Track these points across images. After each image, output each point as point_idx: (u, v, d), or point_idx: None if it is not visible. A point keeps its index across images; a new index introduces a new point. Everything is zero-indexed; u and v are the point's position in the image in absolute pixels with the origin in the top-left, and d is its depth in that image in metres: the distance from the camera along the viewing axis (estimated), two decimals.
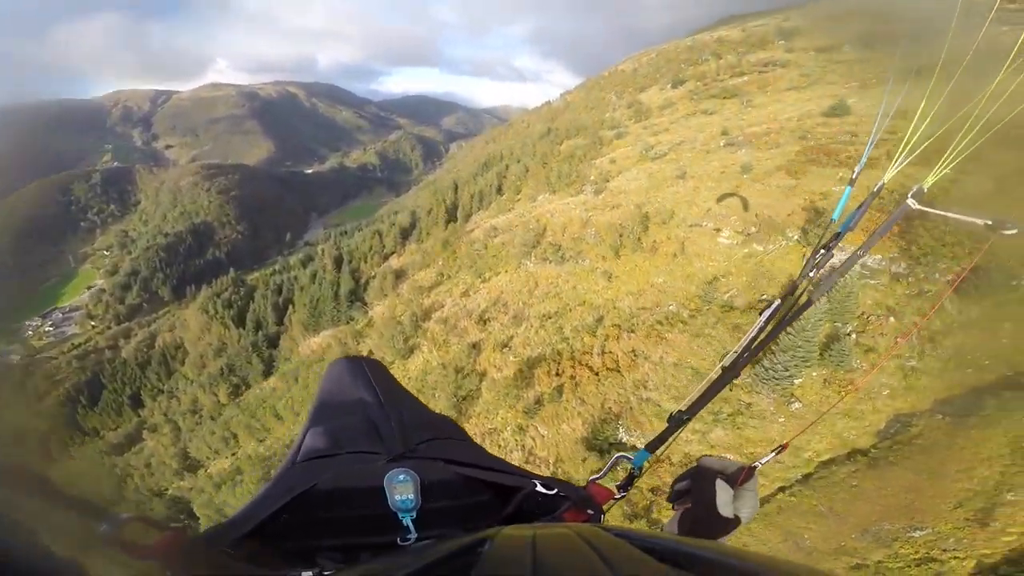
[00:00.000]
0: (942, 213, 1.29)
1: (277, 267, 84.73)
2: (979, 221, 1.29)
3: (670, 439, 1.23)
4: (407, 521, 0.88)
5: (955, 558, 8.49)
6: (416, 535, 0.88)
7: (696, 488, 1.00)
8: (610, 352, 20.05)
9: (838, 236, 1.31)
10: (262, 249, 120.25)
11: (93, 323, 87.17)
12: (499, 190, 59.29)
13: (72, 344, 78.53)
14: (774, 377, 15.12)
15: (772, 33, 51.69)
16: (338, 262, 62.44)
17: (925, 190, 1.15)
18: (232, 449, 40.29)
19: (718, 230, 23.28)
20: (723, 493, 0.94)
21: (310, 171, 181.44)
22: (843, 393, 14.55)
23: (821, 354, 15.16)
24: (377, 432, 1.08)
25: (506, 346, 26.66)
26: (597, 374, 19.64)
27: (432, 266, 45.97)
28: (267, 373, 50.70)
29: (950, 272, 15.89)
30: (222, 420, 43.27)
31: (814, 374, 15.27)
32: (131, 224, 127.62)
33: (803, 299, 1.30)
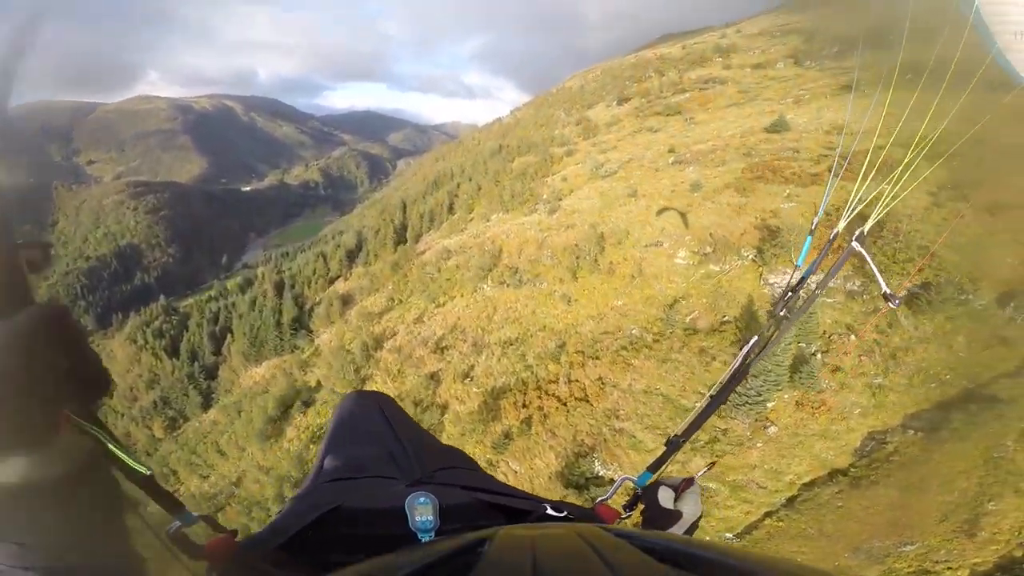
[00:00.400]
0: (871, 265, 1.50)
1: (213, 292, 79.54)
2: (883, 287, 1.59)
3: (668, 460, 1.35)
4: (426, 541, 0.90)
5: (948, 569, 8.75)
6: None
7: (648, 494, 1.16)
8: (577, 380, 19.29)
9: (802, 280, 1.57)
10: (196, 273, 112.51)
11: None
12: (450, 209, 58.12)
13: None
14: (748, 402, 14.88)
15: (710, 50, 53.89)
16: (279, 287, 58.80)
17: (866, 233, 1.35)
18: (172, 486, 36.56)
19: (674, 251, 23.21)
20: (665, 494, 1.13)
21: (248, 189, 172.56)
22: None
23: (791, 376, 15.05)
24: (394, 460, 1.16)
25: (467, 376, 25.41)
26: (565, 404, 18.78)
27: (382, 291, 44.00)
28: (206, 406, 46.57)
29: (901, 289, 16.26)
30: (159, 456, 39.26)
31: (786, 396, 15.13)
32: None
33: (774, 333, 1.49)
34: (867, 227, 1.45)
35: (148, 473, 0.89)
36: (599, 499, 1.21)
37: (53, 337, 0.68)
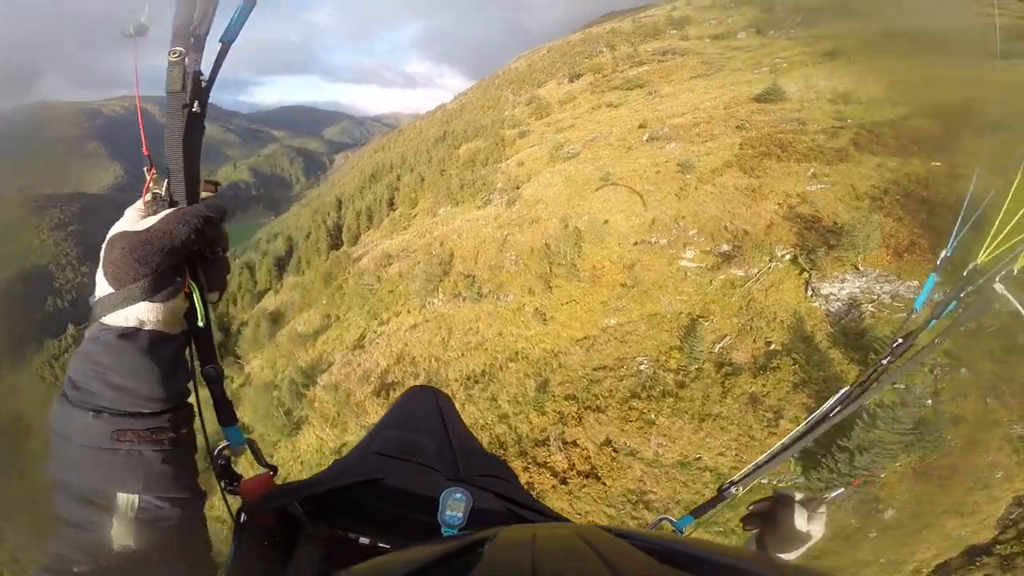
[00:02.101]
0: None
1: None
2: None
3: (716, 508, 1.20)
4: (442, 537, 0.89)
5: None
6: None
7: (774, 510, 1.06)
8: (576, 444, 13.59)
9: (921, 328, 1.15)
10: None
11: None
12: (391, 204, 50.81)
13: None
14: (851, 482, 9.86)
15: (663, 22, 49.18)
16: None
17: (1016, 272, 0.98)
18: None
19: (677, 249, 17.86)
20: (801, 513, 1.02)
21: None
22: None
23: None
24: (440, 454, 1.14)
25: None
26: (565, 482, 12.99)
27: (315, 306, 36.64)
28: None
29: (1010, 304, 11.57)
30: None
31: (897, 465, 10.10)
32: None
33: (871, 384, 1.20)
34: (1019, 265, 1.04)
35: (220, 372, 0.83)
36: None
37: (212, 229, 0.71)
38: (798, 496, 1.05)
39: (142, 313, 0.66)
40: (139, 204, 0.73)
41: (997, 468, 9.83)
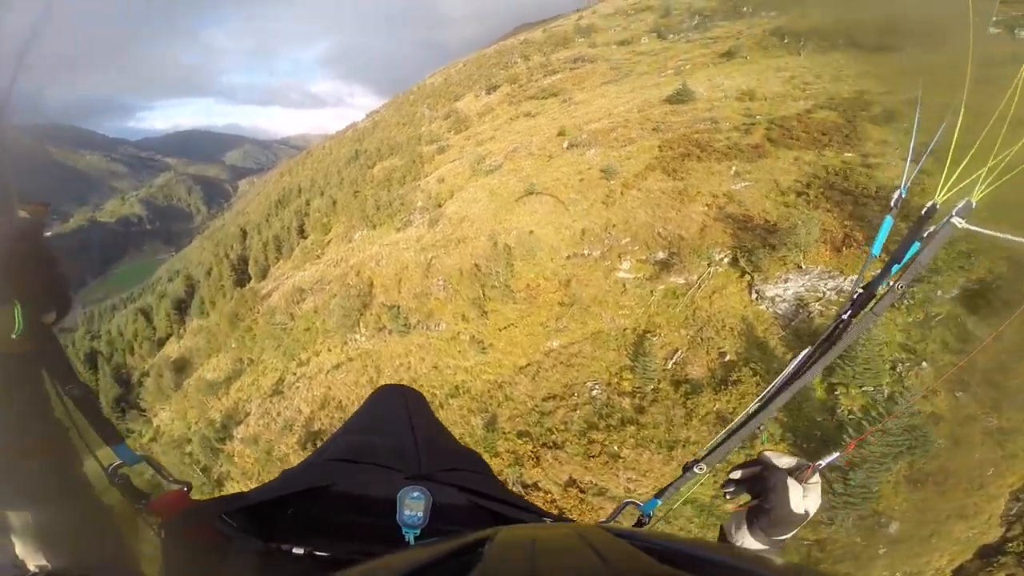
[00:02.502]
0: (995, 234, 1.04)
1: None
2: None
3: (682, 488, 1.14)
4: (410, 538, 0.86)
5: None
6: None
7: (763, 483, 0.99)
8: (537, 486, 11.84)
9: (884, 272, 1.05)
10: None
11: None
12: (301, 232, 46.82)
13: None
14: (850, 503, 9.04)
15: (572, 31, 49.79)
16: (92, 359, 42.84)
17: (974, 205, 0.92)
18: None
19: (612, 261, 16.91)
20: (795, 491, 0.95)
21: (48, 234, 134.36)
22: None
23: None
24: (402, 453, 1.10)
25: None
26: None
27: (224, 350, 32.45)
28: None
29: (953, 286, 11.51)
30: None
31: (888, 476, 9.42)
32: None
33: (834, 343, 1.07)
34: (977, 196, 0.96)
35: (84, 389, 0.80)
36: (600, 522, 0.97)
37: (27, 247, 0.68)
38: (785, 463, 0.97)
39: None
40: None
41: (986, 465, 9.43)
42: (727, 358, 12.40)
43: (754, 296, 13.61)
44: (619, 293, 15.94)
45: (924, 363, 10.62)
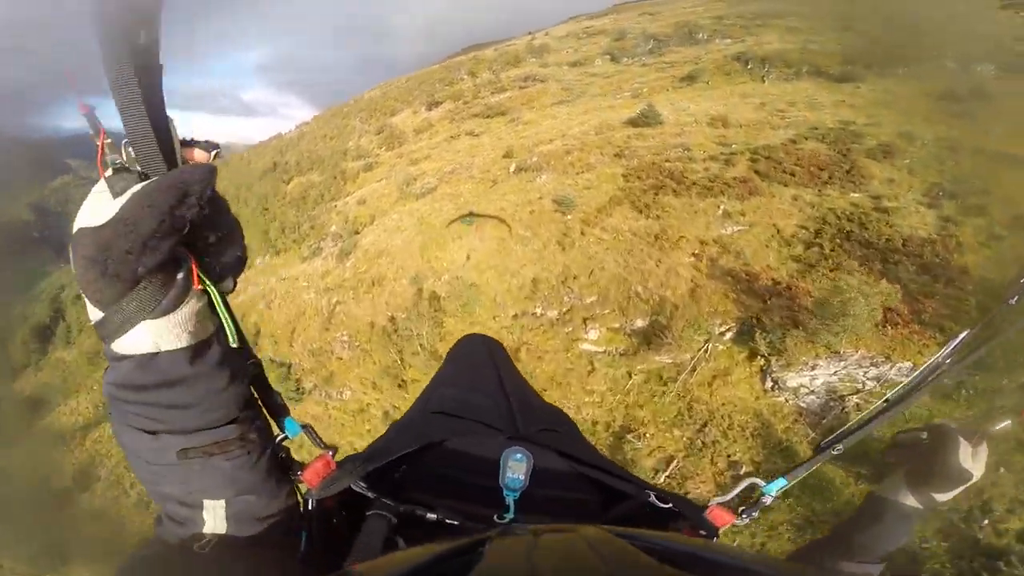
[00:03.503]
0: None
1: None
2: None
3: (812, 467, 1.04)
4: (510, 500, 0.85)
5: None
6: (514, 515, 0.85)
7: (929, 445, 0.97)
8: None
9: None
10: None
11: None
12: None
13: None
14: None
15: (523, 51, 46.41)
16: None
17: None
18: None
19: (574, 326, 12.27)
20: (965, 449, 0.92)
21: None
22: None
23: None
24: (498, 410, 1.09)
25: None
26: None
27: (82, 392, 25.87)
28: None
29: None
30: None
31: None
32: None
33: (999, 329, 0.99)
34: None
35: (256, 361, 0.75)
36: (717, 499, 0.95)
37: (195, 201, 0.54)
38: (957, 428, 0.94)
39: (151, 334, 0.54)
40: (102, 183, 0.54)
41: None
42: (741, 468, 8.06)
43: (769, 385, 9.46)
44: (586, 372, 11.27)
45: None
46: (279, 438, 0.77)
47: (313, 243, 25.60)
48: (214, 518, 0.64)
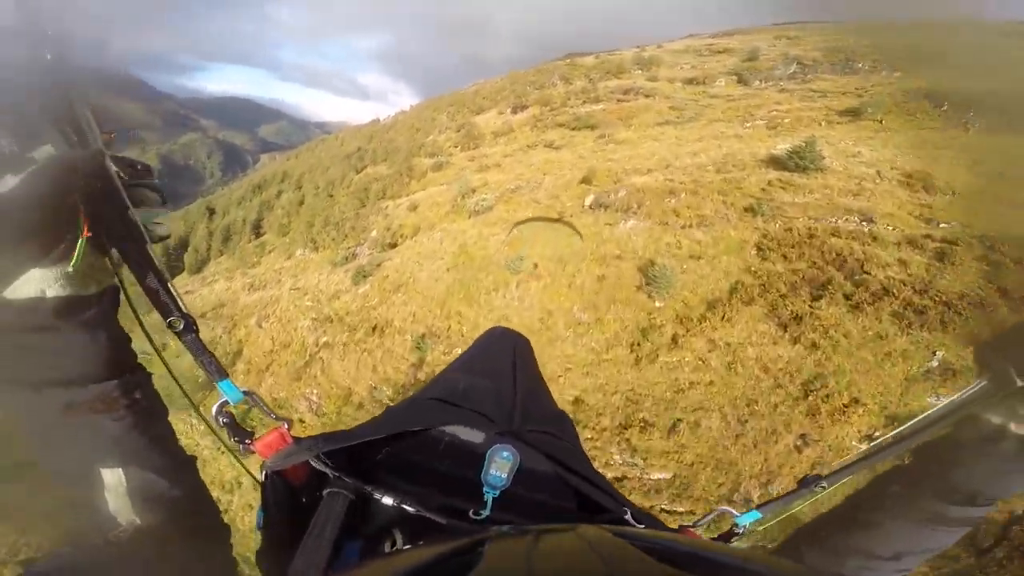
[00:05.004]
0: None
1: None
2: None
3: (790, 502, 0.99)
4: (489, 497, 0.83)
5: None
6: (489, 514, 0.82)
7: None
8: None
9: None
10: None
11: None
12: (257, 228, 37.32)
13: None
14: None
15: (629, 62, 39.96)
16: None
17: None
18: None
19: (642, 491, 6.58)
20: None
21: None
22: None
23: None
24: (499, 402, 1.07)
25: None
26: None
27: None
28: None
29: None
30: None
31: None
32: None
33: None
34: None
35: (190, 321, 0.70)
36: (687, 524, 0.97)
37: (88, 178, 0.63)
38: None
39: (38, 281, 0.57)
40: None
41: None
42: None
43: None
44: None
45: None
46: (220, 402, 0.70)
47: (350, 246, 21.56)
48: (115, 496, 0.61)
